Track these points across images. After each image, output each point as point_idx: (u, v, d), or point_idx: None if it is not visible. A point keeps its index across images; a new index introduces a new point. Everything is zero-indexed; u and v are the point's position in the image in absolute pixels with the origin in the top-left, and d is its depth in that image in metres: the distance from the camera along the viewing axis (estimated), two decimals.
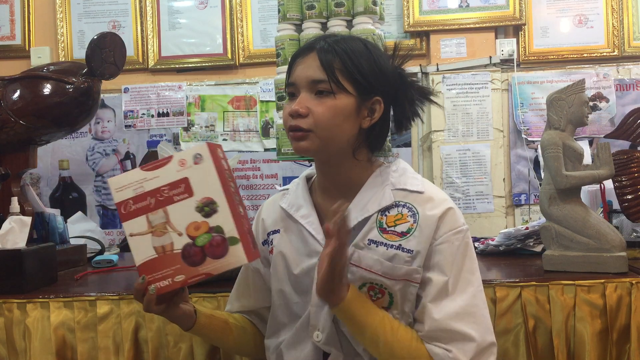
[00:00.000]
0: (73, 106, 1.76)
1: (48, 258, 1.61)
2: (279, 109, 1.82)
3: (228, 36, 3.12)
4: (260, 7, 3.11)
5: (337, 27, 1.78)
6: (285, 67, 1.78)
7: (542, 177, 1.85)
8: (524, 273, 1.52)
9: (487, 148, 2.97)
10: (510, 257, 1.78)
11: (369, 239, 1.10)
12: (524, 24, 3.00)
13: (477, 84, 2.98)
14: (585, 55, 3.01)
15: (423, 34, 3.05)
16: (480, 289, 1.10)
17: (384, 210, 1.11)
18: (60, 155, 3.13)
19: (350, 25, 1.80)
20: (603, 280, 1.39)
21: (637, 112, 1.72)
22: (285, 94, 1.17)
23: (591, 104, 2.92)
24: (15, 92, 1.76)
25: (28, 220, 1.61)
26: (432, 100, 1.19)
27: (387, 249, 1.09)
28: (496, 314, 1.39)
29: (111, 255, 1.96)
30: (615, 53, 3.01)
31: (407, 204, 1.11)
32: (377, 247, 1.09)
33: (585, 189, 1.89)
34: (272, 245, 1.21)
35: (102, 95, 2.01)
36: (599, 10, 3.01)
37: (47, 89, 1.74)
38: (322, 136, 1.08)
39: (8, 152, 1.82)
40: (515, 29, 3.04)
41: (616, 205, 1.75)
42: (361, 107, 1.10)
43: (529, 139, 2.98)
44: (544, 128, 1.61)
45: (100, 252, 2.08)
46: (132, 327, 1.42)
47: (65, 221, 2.00)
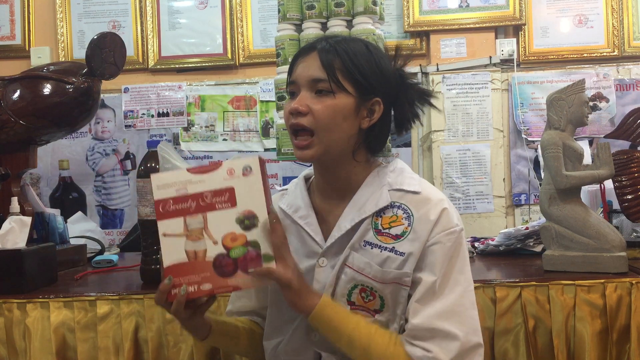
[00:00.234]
0: (73, 106, 1.76)
1: (48, 258, 1.61)
2: (279, 109, 1.82)
3: (228, 36, 3.12)
4: (260, 7, 3.11)
5: (337, 27, 1.78)
6: (285, 67, 1.79)
7: (542, 177, 1.85)
8: (524, 273, 1.52)
9: (487, 148, 2.97)
10: (510, 257, 1.78)
11: (364, 241, 1.10)
12: (524, 24, 3.00)
13: (477, 84, 2.98)
14: (585, 55, 3.01)
15: (423, 34, 3.05)
16: (470, 289, 1.09)
17: (379, 211, 1.11)
18: (60, 155, 3.13)
19: (350, 25, 1.80)
20: (603, 280, 1.39)
21: (637, 112, 1.72)
22: (286, 93, 1.18)
23: (591, 104, 2.93)
24: (15, 92, 1.76)
25: (28, 220, 1.61)
26: (432, 104, 1.19)
27: (381, 252, 1.09)
28: (496, 314, 1.39)
29: (111, 255, 1.96)
30: (615, 53, 3.01)
31: (403, 205, 1.11)
32: (372, 249, 1.09)
33: (585, 189, 1.89)
34: None
35: (102, 95, 2.01)
36: (599, 10, 3.01)
37: (47, 89, 1.74)
38: (323, 139, 1.08)
39: (8, 152, 1.82)
40: (515, 29, 3.04)
41: (616, 205, 1.75)
42: (360, 108, 1.11)
43: (529, 139, 2.98)
44: (544, 128, 1.62)
45: (100, 252, 2.08)
46: (132, 327, 1.42)
47: (65, 221, 2.00)
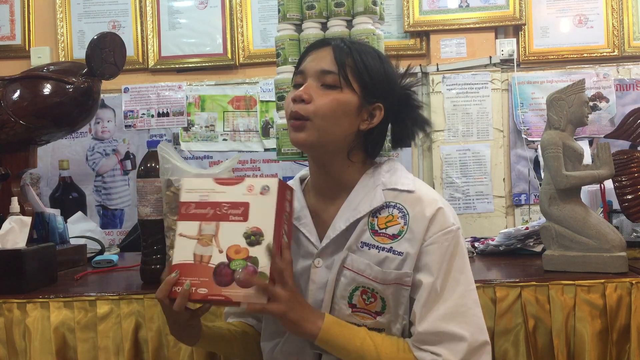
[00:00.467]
0: (73, 106, 1.76)
1: (48, 258, 1.61)
2: (279, 109, 1.82)
3: (228, 36, 3.12)
4: (260, 7, 3.11)
5: (337, 27, 1.78)
6: (285, 67, 1.80)
7: (542, 177, 1.85)
8: (524, 273, 1.52)
9: (487, 148, 2.97)
10: (510, 257, 1.78)
11: (361, 242, 1.10)
12: (524, 24, 3.00)
13: (477, 84, 2.98)
14: (585, 55, 3.02)
15: (423, 34, 3.05)
16: (471, 288, 1.09)
17: (375, 212, 1.11)
18: (60, 155, 3.13)
19: (350, 25, 1.80)
20: (603, 280, 1.39)
21: (637, 112, 1.72)
22: (289, 89, 1.18)
23: (591, 104, 2.93)
24: (15, 92, 1.76)
25: (28, 220, 1.61)
26: (426, 132, 1.20)
27: (379, 252, 1.09)
28: (496, 314, 1.39)
29: (111, 255, 1.96)
30: (615, 53, 3.01)
31: (398, 205, 1.11)
32: (370, 249, 1.09)
33: (585, 189, 1.89)
34: None
35: (102, 95, 2.01)
36: (599, 10, 3.02)
37: (47, 89, 1.74)
38: (319, 126, 1.08)
39: (8, 152, 1.82)
40: (515, 29, 3.04)
41: (616, 205, 1.75)
42: (362, 109, 1.11)
43: (529, 139, 2.98)
44: (544, 128, 1.62)
45: (100, 252, 2.08)
46: (132, 327, 1.42)
47: (65, 221, 2.00)
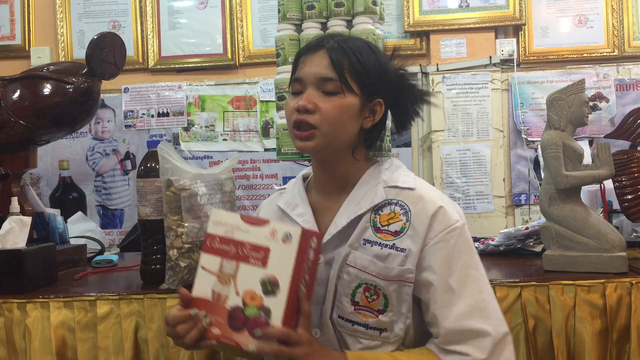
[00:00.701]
0: (73, 106, 1.76)
1: (48, 258, 1.61)
2: (279, 109, 1.82)
3: (228, 36, 3.12)
4: (260, 7, 3.11)
5: (337, 27, 1.78)
6: (286, 67, 1.79)
7: (542, 177, 1.85)
8: (524, 273, 1.52)
9: (487, 148, 2.97)
10: (510, 257, 1.78)
11: (364, 239, 1.11)
12: (524, 24, 3.00)
13: (477, 84, 2.98)
14: (585, 55, 3.02)
15: (423, 34, 3.05)
16: (485, 281, 1.10)
17: (377, 209, 1.12)
18: (60, 155, 3.13)
19: (350, 25, 1.80)
20: (603, 280, 1.39)
21: (637, 112, 1.72)
22: (289, 90, 1.18)
23: (591, 104, 2.93)
24: (15, 92, 1.76)
25: (28, 220, 1.61)
26: (431, 103, 1.21)
27: (382, 249, 1.09)
28: None
29: (111, 255, 1.97)
30: (615, 53, 3.01)
31: (400, 202, 1.11)
32: (372, 246, 1.10)
33: (585, 189, 1.89)
34: None
35: (102, 95, 2.01)
36: (599, 10, 3.02)
37: (47, 89, 1.74)
38: (326, 133, 1.09)
39: (8, 152, 1.82)
40: (515, 29, 3.04)
41: (616, 205, 1.75)
42: (364, 108, 1.12)
43: (529, 139, 2.98)
44: (544, 128, 1.61)
45: (100, 252, 2.08)
46: (132, 327, 1.42)
47: (65, 221, 2.00)
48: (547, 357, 1.38)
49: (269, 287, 1.00)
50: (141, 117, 3.14)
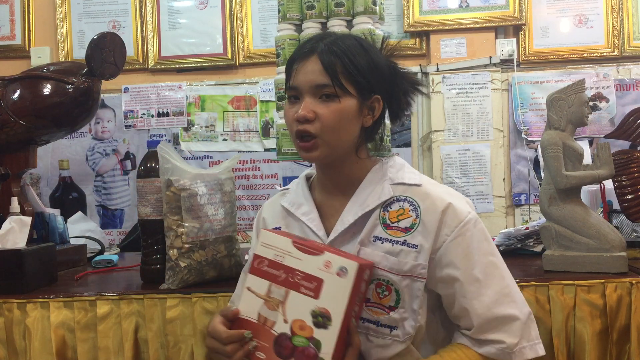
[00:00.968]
0: (73, 106, 1.76)
1: (48, 258, 1.61)
2: (279, 109, 1.82)
3: (228, 36, 3.12)
4: (260, 7, 3.11)
5: (337, 27, 1.78)
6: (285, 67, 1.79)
7: (542, 177, 1.85)
8: (524, 273, 1.52)
9: (487, 148, 2.97)
10: (510, 257, 1.77)
11: (374, 236, 1.11)
12: (524, 24, 3.00)
13: (477, 84, 2.98)
14: (585, 55, 3.01)
15: (423, 34, 3.05)
16: (504, 266, 1.12)
17: (385, 205, 1.12)
18: (60, 155, 3.13)
19: (350, 25, 1.80)
20: (603, 280, 1.39)
21: (637, 112, 1.72)
22: (285, 96, 1.17)
23: (591, 104, 2.92)
24: (15, 92, 1.76)
25: (28, 220, 1.61)
26: (422, 92, 1.22)
27: (393, 245, 1.09)
28: None
29: (111, 255, 1.97)
30: (615, 53, 3.01)
31: (408, 198, 1.12)
32: (383, 243, 1.10)
33: (585, 189, 1.89)
34: None
35: (102, 95, 2.01)
36: (599, 10, 3.01)
37: (47, 89, 1.74)
38: (329, 141, 1.09)
39: (8, 152, 1.82)
40: (515, 29, 3.04)
41: (616, 205, 1.75)
42: (362, 107, 1.12)
43: (529, 139, 2.98)
44: (544, 128, 1.61)
45: (100, 252, 2.08)
46: (132, 327, 1.42)
47: (65, 221, 2.00)
48: (547, 357, 1.38)
49: (321, 319, 0.98)
50: (141, 117, 3.14)
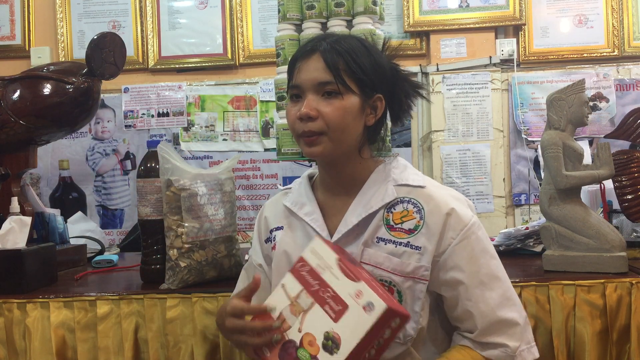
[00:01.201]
0: (73, 106, 1.76)
1: (48, 258, 1.61)
2: (279, 109, 1.82)
3: (228, 36, 3.12)
4: (260, 7, 3.11)
5: (337, 27, 1.78)
6: (285, 67, 1.78)
7: (542, 177, 1.85)
8: (524, 273, 1.52)
9: (487, 148, 2.97)
10: (510, 257, 1.77)
11: (377, 237, 1.11)
12: (524, 24, 3.00)
13: (477, 84, 2.98)
14: (585, 55, 3.02)
15: (423, 34, 3.05)
16: (503, 268, 1.14)
17: (389, 207, 1.12)
18: (60, 155, 3.13)
19: (350, 25, 1.80)
20: (603, 280, 1.39)
21: (637, 112, 1.72)
22: (287, 95, 1.17)
23: (591, 104, 2.93)
24: (15, 92, 1.76)
25: (28, 220, 1.61)
26: (423, 95, 1.21)
27: (396, 247, 1.10)
28: None
29: (111, 255, 1.96)
30: (615, 53, 3.01)
31: (412, 200, 1.12)
32: (386, 244, 1.10)
33: (585, 189, 1.89)
34: (274, 242, 1.22)
35: (102, 95, 2.01)
36: (599, 10, 3.02)
37: (47, 89, 1.74)
38: (332, 137, 1.09)
39: (8, 152, 1.82)
40: (515, 29, 3.04)
41: (616, 205, 1.75)
42: (365, 106, 1.12)
43: (529, 139, 2.98)
44: (544, 128, 1.61)
45: (100, 252, 2.08)
46: (132, 327, 1.42)
47: (65, 221, 1.99)
48: (547, 357, 1.38)
49: (330, 343, 0.97)
50: (141, 117, 3.14)
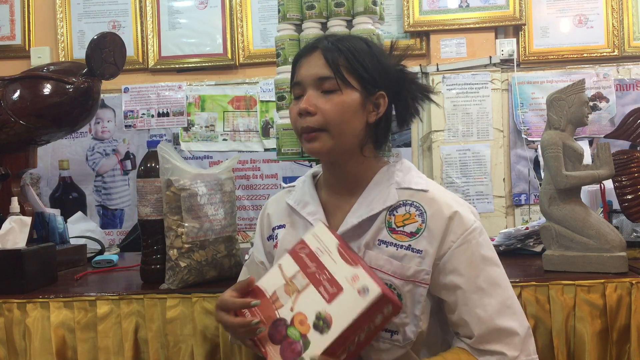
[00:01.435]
0: (73, 106, 1.76)
1: (48, 258, 1.61)
2: (279, 109, 1.82)
3: (228, 36, 3.12)
4: (260, 7, 3.11)
5: (337, 27, 1.78)
6: (285, 67, 1.79)
7: (542, 177, 1.85)
8: (524, 273, 1.52)
9: (487, 148, 2.97)
10: (510, 257, 1.77)
11: (379, 240, 1.11)
12: (524, 24, 3.00)
13: (477, 84, 2.98)
14: (585, 55, 3.02)
15: (423, 34, 3.05)
16: (506, 277, 1.12)
17: (391, 209, 1.12)
18: (60, 155, 3.13)
19: (350, 25, 1.80)
20: (603, 280, 1.39)
21: (637, 112, 1.72)
22: (289, 93, 1.18)
23: (591, 104, 2.93)
24: (15, 92, 1.76)
25: (28, 220, 1.61)
26: (432, 99, 1.21)
27: (397, 249, 1.09)
28: None
29: (111, 255, 1.96)
30: (615, 53, 3.01)
31: (415, 203, 1.11)
32: (387, 247, 1.10)
33: (585, 189, 1.89)
34: (276, 240, 1.22)
35: (102, 95, 2.01)
36: (599, 10, 3.02)
37: (47, 89, 1.74)
38: (333, 134, 1.09)
39: (8, 152, 1.82)
40: (515, 29, 3.04)
41: (616, 205, 1.75)
42: (366, 102, 1.12)
43: (529, 139, 2.98)
44: (544, 128, 1.61)
45: (100, 252, 2.08)
46: (132, 327, 1.42)
47: (65, 221, 2.00)
48: (547, 357, 1.38)
49: (321, 323, 0.98)
50: (141, 117, 3.14)
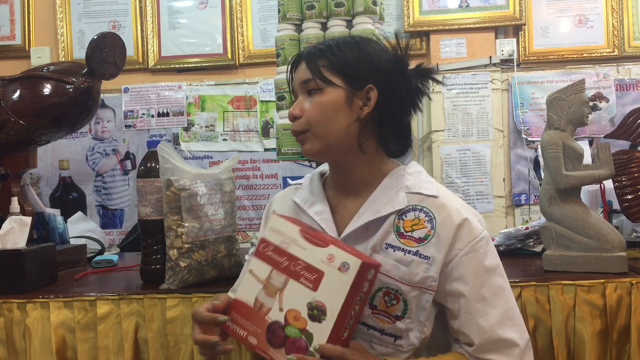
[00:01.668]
0: (73, 106, 1.76)
1: (48, 258, 1.61)
2: (279, 109, 1.82)
3: (228, 36, 3.12)
4: (260, 7, 3.11)
5: (337, 27, 1.78)
6: (285, 67, 1.79)
7: (542, 177, 1.85)
8: (524, 273, 1.52)
9: (487, 148, 2.97)
10: (510, 257, 1.77)
11: (386, 243, 1.10)
12: (524, 24, 3.00)
13: (477, 84, 2.98)
14: (585, 55, 3.01)
15: (423, 34, 3.05)
16: (509, 288, 1.12)
17: (400, 214, 1.11)
18: (60, 155, 3.13)
19: (350, 25, 1.80)
20: (603, 280, 1.39)
21: (637, 112, 1.72)
22: (285, 96, 1.19)
23: (591, 104, 2.93)
24: (15, 92, 1.76)
25: (28, 220, 1.61)
26: (436, 80, 1.17)
27: (405, 254, 1.08)
28: None
29: (111, 255, 1.97)
30: (615, 53, 3.01)
31: (424, 209, 1.10)
32: (395, 251, 1.09)
33: (585, 189, 1.89)
34: None
35: (102, 95, 2.01)
36: (599, 10, 3.02)
37: (47, 89, 1.74)
38: (316, 133, 1.10)
39: (8, 152, 1.82)
40: (515, 29, 3.04)
41: (616, 205, 1.75)
42: (353, 97, 1.10)
43: (529, 139, 2.98)
44: (544, 128, 1.62)
45: (100, 252, 2.08)
46: (132, 327, 1.42)
47: (65, 221, 2.00)
48: (547, 357, 1.38)
49: (316, 312, 0.97)
50: (141, 117, 3.14)
